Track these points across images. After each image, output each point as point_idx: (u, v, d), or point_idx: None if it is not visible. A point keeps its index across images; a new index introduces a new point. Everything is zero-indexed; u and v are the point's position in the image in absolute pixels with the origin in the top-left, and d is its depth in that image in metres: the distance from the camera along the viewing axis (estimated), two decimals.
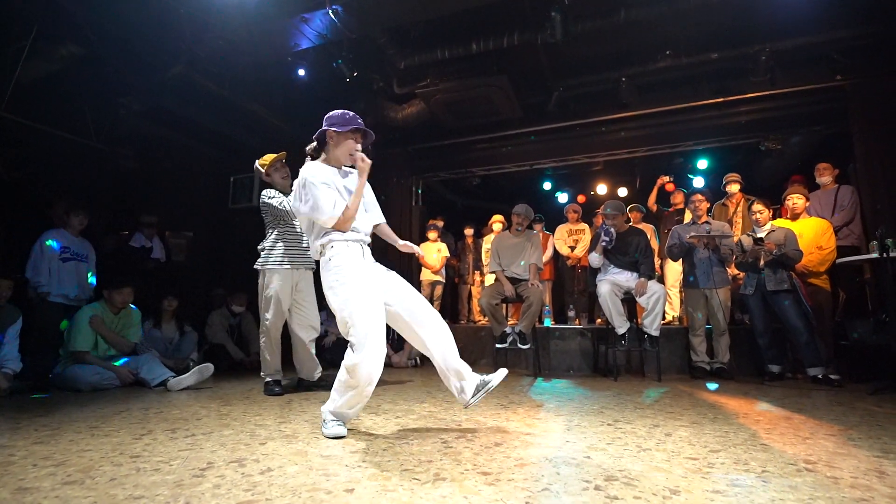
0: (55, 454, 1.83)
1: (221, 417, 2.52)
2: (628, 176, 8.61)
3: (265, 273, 3.40)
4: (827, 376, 3.70)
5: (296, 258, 3.41)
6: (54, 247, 4.04)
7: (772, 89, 5.18)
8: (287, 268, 3.38)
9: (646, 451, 1.84)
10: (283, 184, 3.49)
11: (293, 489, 1.43)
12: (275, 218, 3.41)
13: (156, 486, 1.46)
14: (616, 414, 2.61)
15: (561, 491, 1.42)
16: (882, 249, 3.35)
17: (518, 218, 4.58)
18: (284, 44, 4.74)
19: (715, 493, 1.40)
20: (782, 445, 1.94)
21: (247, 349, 5.02)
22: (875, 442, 2.00)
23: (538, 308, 4.27)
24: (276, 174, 3.49)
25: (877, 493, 1.40)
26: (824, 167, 4.71)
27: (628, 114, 5.81)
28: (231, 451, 1.85)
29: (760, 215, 4.17)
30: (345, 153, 2.23)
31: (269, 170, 3.49)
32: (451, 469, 1.63)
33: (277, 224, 3.42)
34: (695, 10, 4.28)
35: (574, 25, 4.37)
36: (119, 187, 5.53)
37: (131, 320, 3.98)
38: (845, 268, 4.13)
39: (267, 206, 3.37)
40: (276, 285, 3.35)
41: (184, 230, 6.24)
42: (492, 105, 5.55)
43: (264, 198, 3.39)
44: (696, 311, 4.32)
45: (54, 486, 1.49)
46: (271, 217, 3.42)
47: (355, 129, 2.23)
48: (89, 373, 3.55)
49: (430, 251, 6.56)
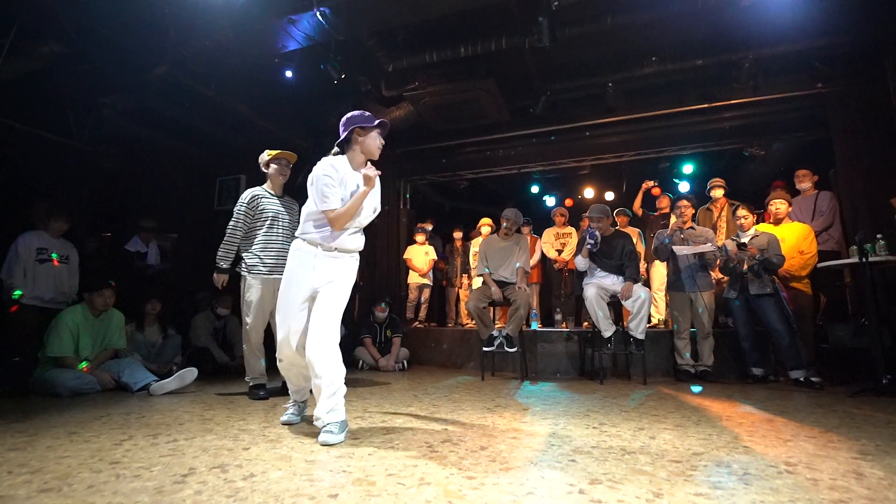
0: (31, 461, 1.79)
1: (204, 422, 2.48)
2: (615, 180, 8.69)
3: (246, 278, 3.35)
4: (808, 379, 3.76)
5: (278, 264, 3.32)
6: (32, 246, 3.96)
7: (755, 96, 5.27)
8: (265, 274, 3.32)
9: (630, 455, 1.86)
10: (274, 180, 3.45)
11: (276, 495, 1.42)
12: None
13: (135, 493, 1.44)
14: (601, 417, 2.63)
15: (545, 494, 1.43)
16: (861, 254, 3.42)
17: (507, 222, 4.60)
18: (271, 45, 4.70)
19: (697, 495, 1.42)
20: (764, 448, 1.97)
21: (231, 353, 4.96)
22: (854, 444, 2.03)
23: (525, 311, 4.28)
24: (271, 168, 3.44)
25: (855, 495, 1.42)
26: (804, 174, 4.80)
27: (615, 118, 5.87)
28: (214, 457, 1.82)
29: (745, 220, 4.23)
30: (373, 147, 2.41)
31: (270, 161, 3.45)
32: (436, 473, 1.62)
33: (256, 227, 3.38)
34: (680, 17, 4.34)
35: (561, 30, 4.40)
36: (102, 188, 5.44)
37: (113, 324, 3.90)
38: (826, 272, 4.21)
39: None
40: (256, 290, 3.30)
41: (168, 232, 6.16)
42: (480, 108, 5.57)
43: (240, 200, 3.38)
44: (680, 314, 4.37)
45: (30, 493, 1.45)
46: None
47: (379, 124, 2.43)
48: (69, 377, 3.47)
49: (418, 254, 6.56)
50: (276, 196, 3.46)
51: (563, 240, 6.27)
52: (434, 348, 5.82)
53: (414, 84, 5.35)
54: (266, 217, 3.36)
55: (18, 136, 4.64)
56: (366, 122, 2.38)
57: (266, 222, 3.36)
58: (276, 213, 3.40)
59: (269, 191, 3.45)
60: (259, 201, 3.37)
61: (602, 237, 4.37)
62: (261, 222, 3.36)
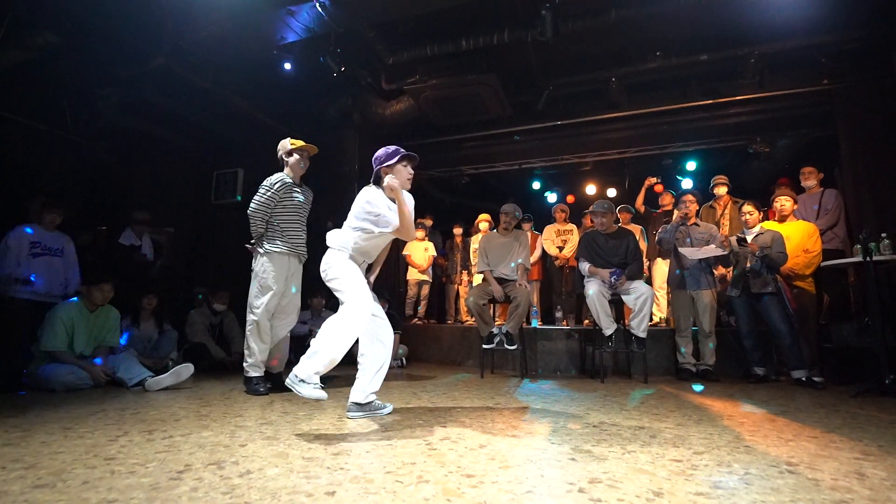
0: (26, 456, 1.77)
1: (200, 418, 2.46)
2: (617, 176, 8.63)
3: (262, 260, 3.38)
4: (811, 379, 3.74)
5: (294, 248, 3.45)
6: (23, 240, 3.93)
7: (760, 92, 5.24)
8: (283, 254, 3.39)
9: (630, 453, 1.83)
10: (295, 169, 3.52)
11: (273, 492, 1.40)
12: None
13: (130, 490, 1.42)
14: (602, 416, 2.61)
15: (545, 493, 1.40)
16: (865, 253, 3.38)
17: (506, 217, 4.56)
18: (270, 37, 4.67)
19: (698, 494, 1.40)
20: (765, 447, 1.95)
21: (228, 348, 4.92)
22: (856, 444, 2.01)
23: (525, 308, 4.25)
24: (293, 158, 3.50)
25: (857, 495, 1.41)
26: (809, 171, 4.75)
27: (618, 114, 5.83)
28: (210, 453, 1.80)
29: (750, 217, 4.19)
30: (403, 180, 2.60)
31: (294, 150, 3.50)
32: (435, 471, 1.60)
33: (277, 212, 3.44)
34: (685, 11, 4.30)
35: (564, 24, 4.37)
36: (97, 181, 5.40)
37: (109, 320, 3.86)
38: (829, 271, 4.18)
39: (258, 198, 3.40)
40: (272, 272, 3.34)
41: (165, 226, 6.12)
42: (481, 103, 5.53)
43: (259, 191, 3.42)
44: (682, 313, 4.34)
45: (24, 489, 1.43)
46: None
47: (402, 157, 2.62)
48: (63, 372, 3.44)
49: (418, 250, 6.53)
50: (296, 185, 3.56)
51: (564, 237, 6.23)
52: (433, 345, 5.80)
53: (415, 77, 5.31)
54: (288, 203, 3.47)
55: (12, 128, 4.60)
56: (388, 159, 2.60)
57: (288, 208, 3.46)
58: (297, 201, 3.52)
59: (291, 178, 3.53)
60: (286, 188, 3.46)
61: (604, 235, 4.34)
62: (282, 207, 3.45)
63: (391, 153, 2.61)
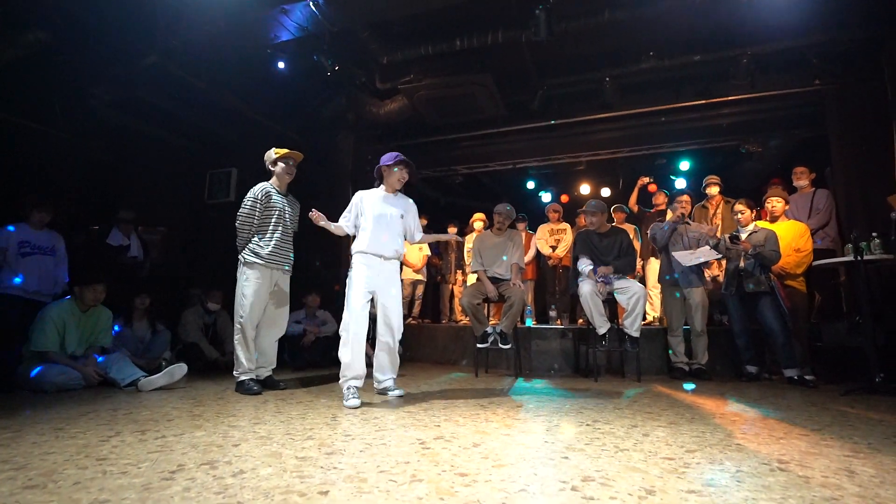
0: (16, 457, 1.75)
1: (193, 418, 2.45)
2: (611, 176, 8.65)
3: (244, 269, 3.37)
4: (802, 377, 3.77)
5: (276, 258, 3.42)
6: (9, 239, 3.89)
7: (752, 93, 5.27)
8: (263, 266, 3.37)
9: (623, 452, 1.84)
10: (281, 178, 3.52)
11: (266, 492, 1.39)
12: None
13: (122, 490, 1.41)
14: (595, 414, 2.62)
15: (538, 491, 1.41)
16: (856, 253, 3.41)
17: (499, 217, 4.57)
18: (264, 35, 4.65)
19: (690, 492, 1.40)
20: (757, 445, 1.96)
21: (222, 348, 4.90)
22: (846, 442, 2.03)
23: (520, 308, 4.26)
24: (279, 167, 3.50)
25: (846, 493, 1.42)
26: (801, 171, 4.79)
27: (611, 114, 5.85)
28: (203, 453, 1.79)
29: (742, 215, 4.21)
30: (393, 181, 3.20)
31: (278, 159, 3.49)
32: (429, 470, 1.60)
33: (261, 221, 3.42)
34: (678, 13, 4.32)
35: (558, 24, 4.37)
36: (89, 180, 5.34)
37: (101, 321, 3.83)
38: (821, 270, 4.21)
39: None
40: (254, 281, 3.33)
41: (157, 225, 6.08)
42: (475, 103, 5.53)
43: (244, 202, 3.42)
44: (674, 312, 4.36)
45: (14, 490, 1.42)
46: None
47: (398, 162, 3.15)
48: (54, 372, 3.41)
49: (412, 249, 6.52)
50: (280, 193, 3.54)
51: (557, 236, 6.25)
52: (428, 344, 5.80)
53: (409, 77, 5.30)
54: (273, 213, 3.45)
55: (3, 126, 4.55)
56: (387, 161, 3.16)
57: (272, 218, 3.44)
58: (281, 210, 3.49)
59: (275, 187, 3.52)
60: (270, 197, 3.45)
61: (598, 234, 4.35)
62: (267, 217, 3.44)
63: (391, 157, 3.13)
